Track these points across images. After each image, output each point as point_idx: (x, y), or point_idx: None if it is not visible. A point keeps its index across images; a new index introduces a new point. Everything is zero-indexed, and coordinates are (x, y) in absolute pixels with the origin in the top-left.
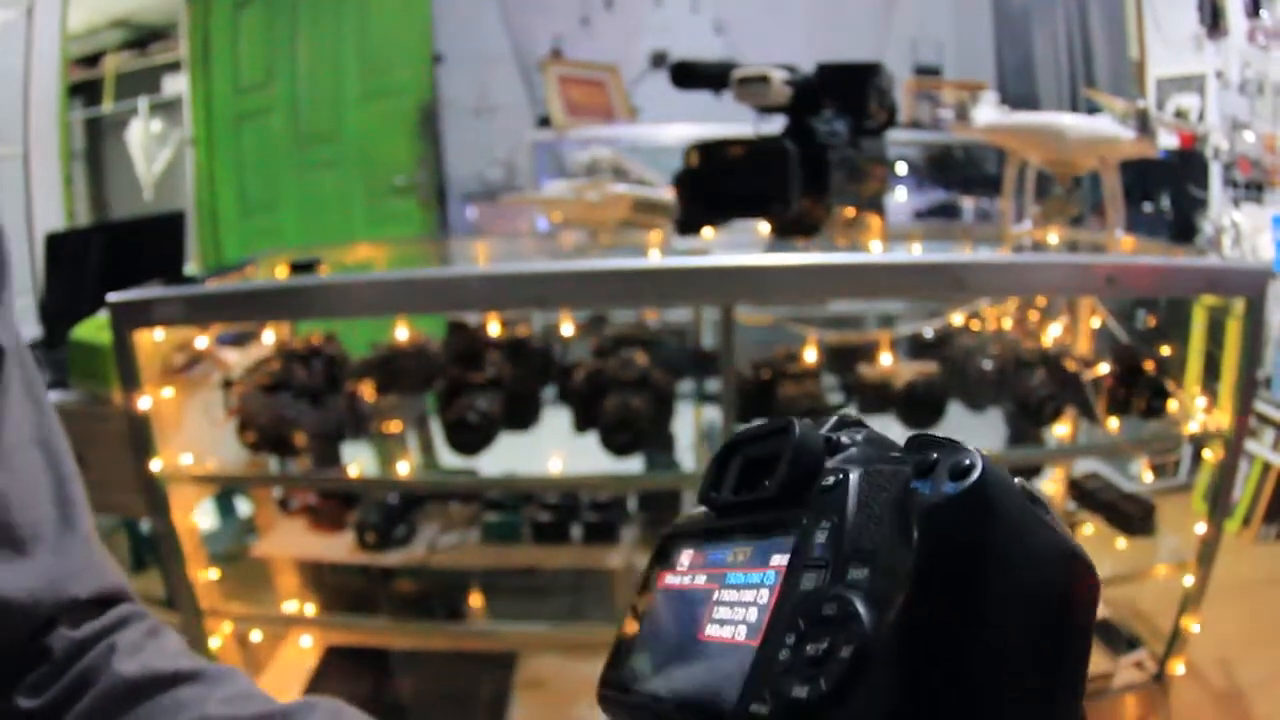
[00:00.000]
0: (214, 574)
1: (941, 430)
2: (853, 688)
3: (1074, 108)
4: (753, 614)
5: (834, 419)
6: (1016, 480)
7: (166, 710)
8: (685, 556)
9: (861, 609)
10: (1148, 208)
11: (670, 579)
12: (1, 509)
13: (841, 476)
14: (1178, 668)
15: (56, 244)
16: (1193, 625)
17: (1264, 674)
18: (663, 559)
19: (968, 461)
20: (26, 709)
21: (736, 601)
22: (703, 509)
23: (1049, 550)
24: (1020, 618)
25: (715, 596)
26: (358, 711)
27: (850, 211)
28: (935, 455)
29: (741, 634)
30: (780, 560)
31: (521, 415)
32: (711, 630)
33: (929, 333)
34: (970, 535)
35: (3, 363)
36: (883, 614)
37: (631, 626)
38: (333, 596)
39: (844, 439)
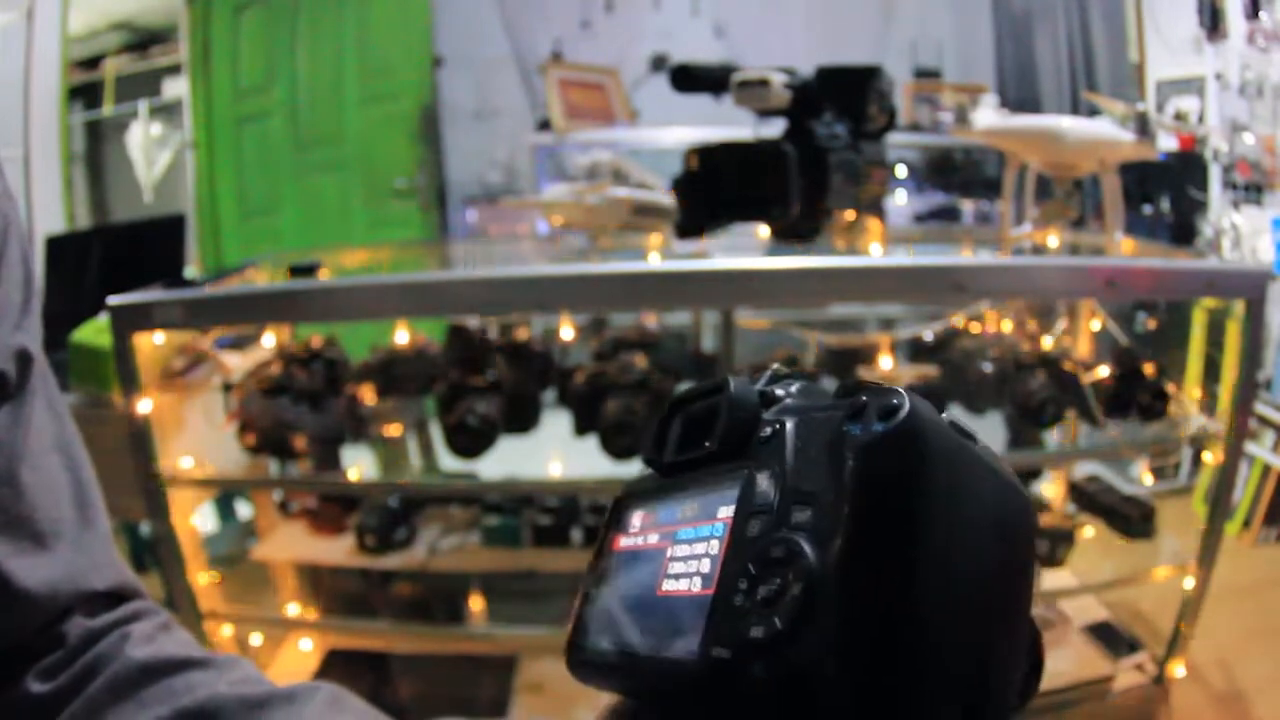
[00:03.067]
0: (214, 577)
1: None
2: (805, 623)
3: (1074, 110)
4: (705, 565)
5: (768, 373)
6: (944, 416)
7: (177, 691)
8: (636, 518)
9: (807, 548)
10: (1147, 210)
11: (624, 541)
12: (26, 505)
13: (778, 426)
14: (1178, 670)
15: (57, 247)
16: (1193, 628)
17: (1264, 676)
18: (615, 523)
19: (895, 401)
20: (38, 694)
21: (689, 555)
22: (650, 472)
23: (983, 481)
24: (960, 547)
25: (669, 553)
26: (359, 700)
27: (850, 215)
28: (864, 398)
29: (697, 585)
30: (726, 512)
31: (521, 418)
32: (668, 585)
33: (929, 335)
34: (902, 470)
35: (30, 369)
36: (826, 551)
37: (591, 591)
38: (333, 600)
39: (779, 392)
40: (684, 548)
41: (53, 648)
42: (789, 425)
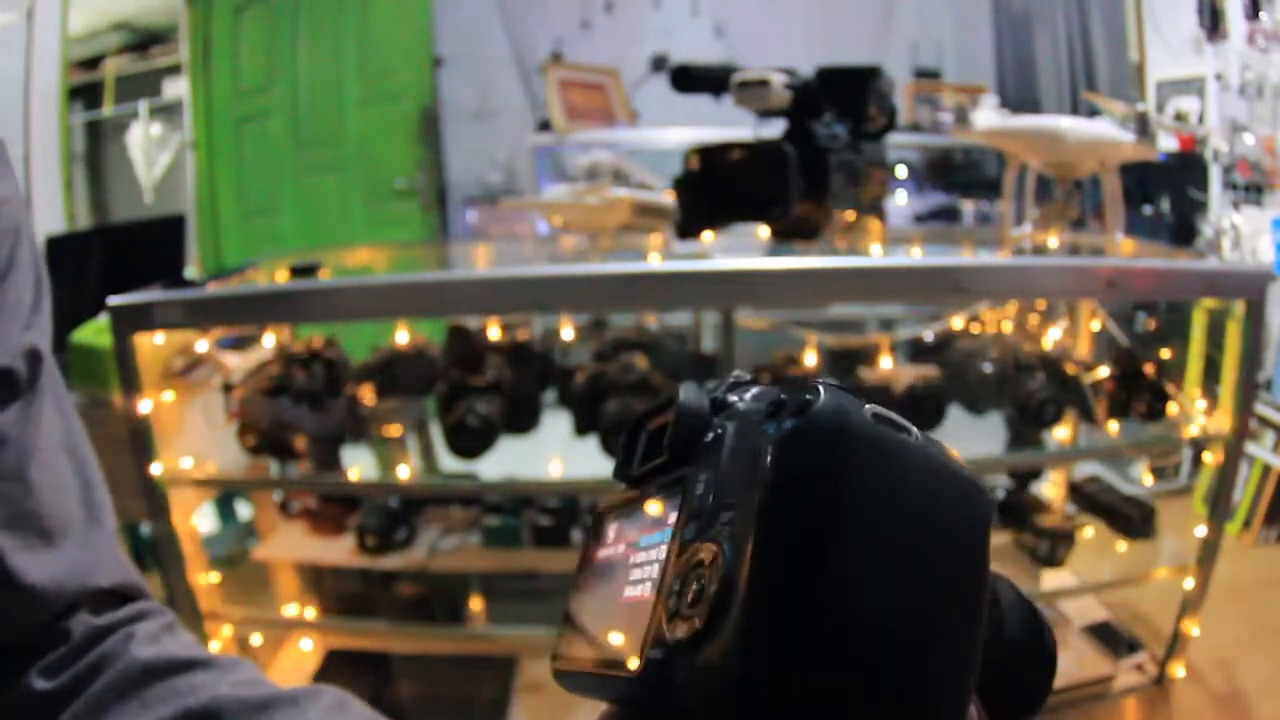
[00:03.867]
0: (214, 577)
1: (941, 433)
2: (720, 622)
3: (1074, 110)
4: (654, 570)
5: (728, 381)
6: (868, 408)
7: (180, 692)
8: (612, 530)
9: (726, 547)
10: (1147, 210)
11: (601, 553)
12: (33, 501)
13: (721, 430)
14: (1178, 670)
15: (57, 247)
16: (1193, 628)
17: (1265, 677)
18: (595, 536)
19: (807, 396)
20: (41, 691)
21: (645, 561)
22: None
23: (913, 475)
24: (883, 542)
25: (630, 560)
26: (363, 704)
27: (850, 215)
28: (783, 395)
29: (648, 590)
30: (674, 517)
31: (522, 419)
32: (628, 591)
33: (929, 336)
34: (811, 464)
35: (41, 367)
36: (740, 549)
37: (571, 602)
38: (333, 600)
39: (731, 398)
40: (642, 554)
41: (57, 644)
42: (729, 428)
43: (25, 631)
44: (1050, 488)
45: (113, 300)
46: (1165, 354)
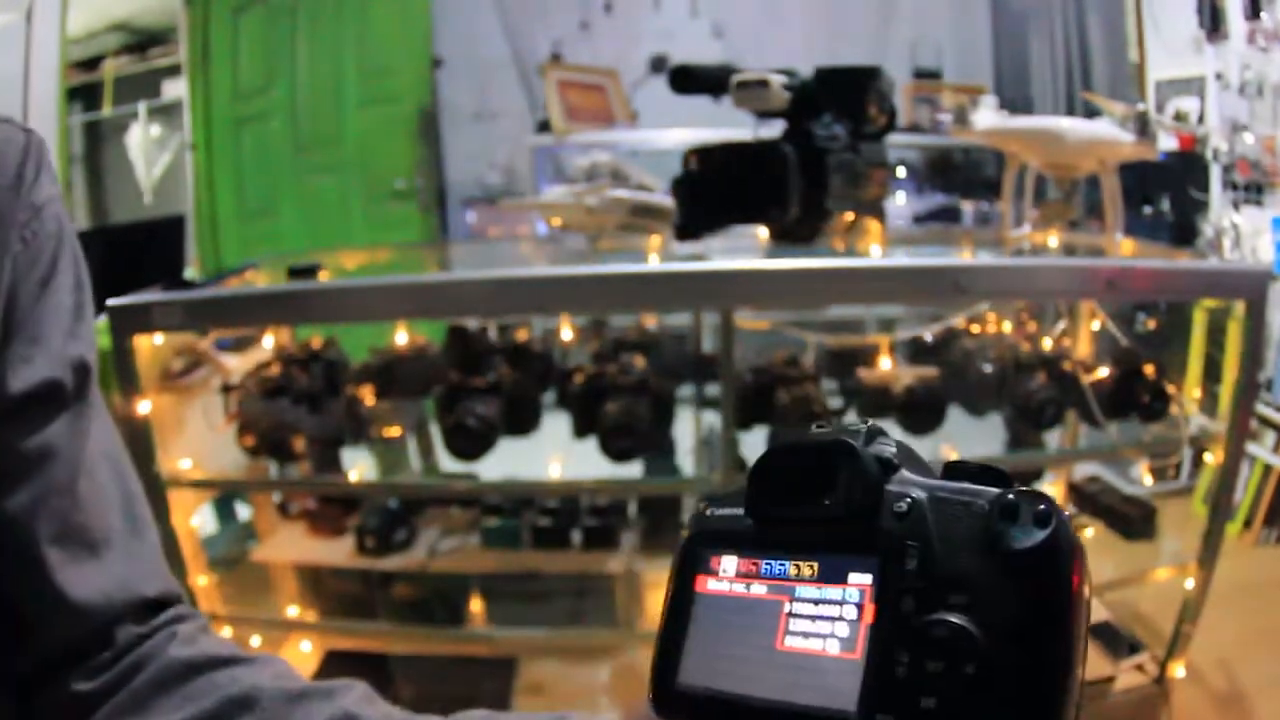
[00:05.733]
0: (214, 579)
1: (941, 434)
2: (976, 701)
3: (1071, 111)
4: (842, 629)
5: (864, 430)
6: (1068, 514)
7: (220, 685)
8: (728, 563)
9: (976, 633)
10: (1147, 210)
11: (713, 585)
12: (81, 513)
13: (912, 501)
14: (1179, 671)
15: None
16: (1193, 628)
17: (1265, 677)
18: (697, 561)
19: (1044, 508)
20: (83, 691)
21: (816, 615)
22: (728, 511)
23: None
24: (1076, 625)
25: (787, 609)
26: (386, 704)
27: (849, 216)
28: (1012, 497)
29: (834, 648)
30: (861, 579)
31: (521, 420)
32: (792, 642)
33: (929, 336)
34: (1058, 575)
35: (89, 379)
36: (994, 638)
37: (675, 631)
38: (332, 601)
39: (884, 451)
40: (807, 606)
41: (100, 651)
42: (924, 503)
43: (73, 643)
44: (1050, 488)
45: (112, 302)
46: (1165, 354)
